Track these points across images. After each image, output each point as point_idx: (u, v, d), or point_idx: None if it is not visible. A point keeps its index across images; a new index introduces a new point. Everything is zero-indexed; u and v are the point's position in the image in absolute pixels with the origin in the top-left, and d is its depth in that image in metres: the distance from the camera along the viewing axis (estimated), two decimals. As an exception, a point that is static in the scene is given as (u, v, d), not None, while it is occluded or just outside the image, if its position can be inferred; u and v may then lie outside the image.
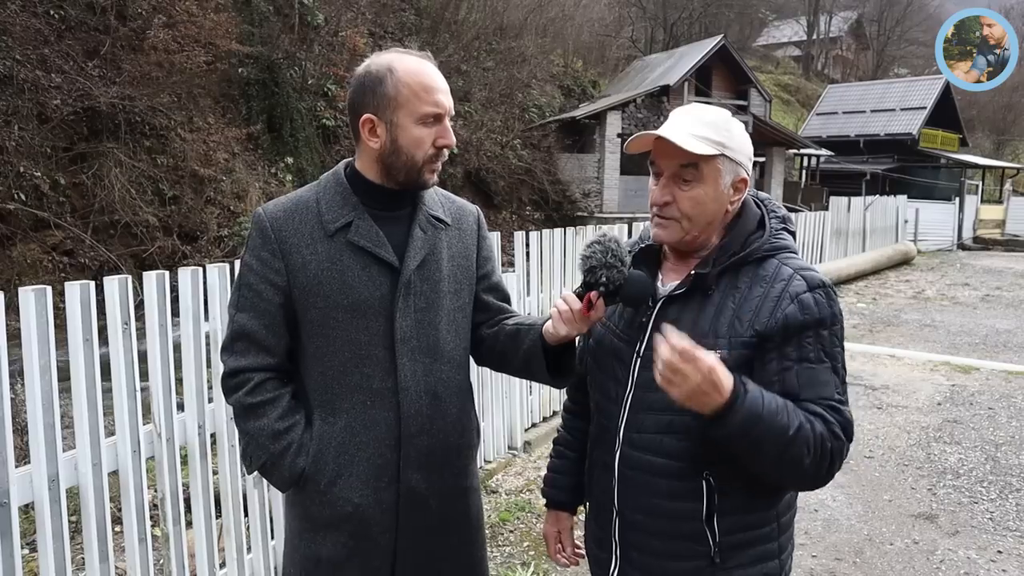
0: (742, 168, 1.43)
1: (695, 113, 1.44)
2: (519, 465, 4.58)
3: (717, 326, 1.38)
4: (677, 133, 1.38)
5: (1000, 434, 5.23)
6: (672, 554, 1.45)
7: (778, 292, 1.37)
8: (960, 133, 30.44)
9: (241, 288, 1.56)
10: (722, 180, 1.42)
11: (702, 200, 1.41)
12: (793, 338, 1.35)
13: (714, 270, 1.42)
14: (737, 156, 1.42)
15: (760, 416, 1.26)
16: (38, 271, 10.92)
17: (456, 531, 1.68)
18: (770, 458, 1.30)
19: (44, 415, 2.12)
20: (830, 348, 1.37)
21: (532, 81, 23.69)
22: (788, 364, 1.35)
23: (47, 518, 2.14)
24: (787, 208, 1.57)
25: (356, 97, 1.54)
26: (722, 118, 1.44)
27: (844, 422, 1.34)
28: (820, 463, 1.31)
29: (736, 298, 1.40)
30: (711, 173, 1.40)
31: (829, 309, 1.37)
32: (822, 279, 1.42)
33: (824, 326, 1.37)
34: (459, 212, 1.71)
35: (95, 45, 13.17)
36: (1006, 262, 17.00)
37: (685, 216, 1.43)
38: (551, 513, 1.80)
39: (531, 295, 4.79)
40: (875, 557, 3.55)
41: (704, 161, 1.39)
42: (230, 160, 14.32)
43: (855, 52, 52.11)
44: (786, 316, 1.35)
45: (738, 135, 1.44)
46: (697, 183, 1.41)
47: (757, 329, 1.36)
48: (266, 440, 1.53)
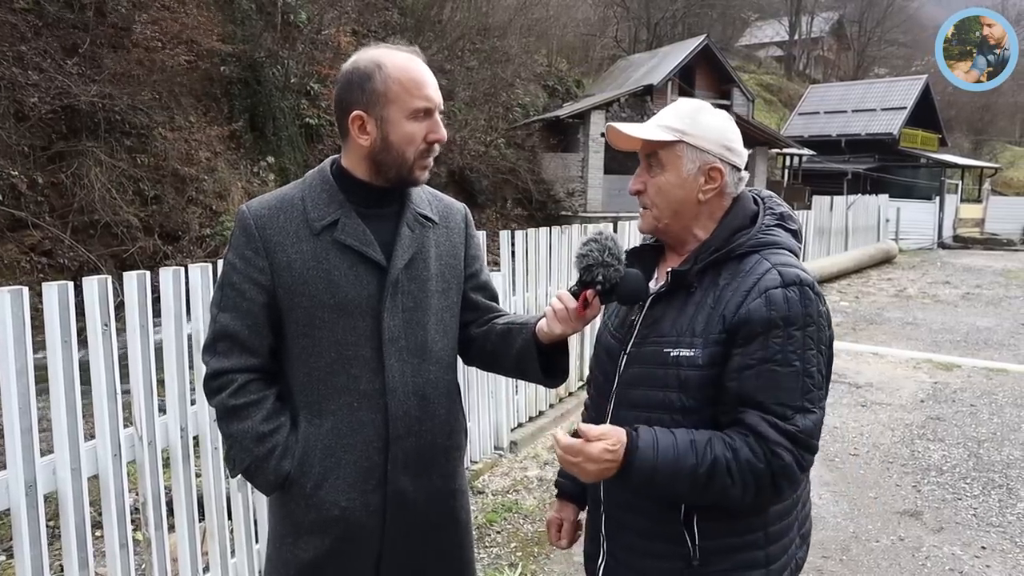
0: (709, 155, 1.41)
1: (674, 106, 1.48)
2: (505, 466, 4.56)
3: (694, 324, 1.37)
4: (640, 126, 1.43)
5: (982, 431, 5.28)
6: (653, 553, 1.44)
7: (748, 286, 1.34)
8: (940, 133, 30.78)
9: (224, 287, 1.53)
10: (683, 167, 1.42)
11: (664, 187, 1.44)
12: (759, 336, 1.30)
13: (694, 267, 1.40)
14: (699, 143, 1.41)
15: (655, 468, 1.28)
16: (16, 272, 10.75)
17: (444, 534, 1.66)
18: (691, 495, 1.32)
19: (21, 419, 2.06)
20: (801, 351, 1.30)
21: (516, 80, 23.66)
22: (750, 363, 1.30)
23: (24, 524, 2.09)
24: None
25: (344, 94, 1.51)
26: (692, 107, 1.46)
27: (792, 434, 1.28)
28: (751, 488, 1.29)
29: (714, 295, 1.38)
30: (670, 160, 1.43)
31: (801, 308, 1.31)
32: (800, 276, 1.34)
33: (795, 325, 1.30)
34: (447, 210, 1.69)
35: (74, 42, 12.98)
36: (986, 260, 17.19)
37: (654, 204, 1.46)
38: (559, 502, 1.77)
39: (516, 294, 4.77)
40: (861, 554, 3.56)
41: (661, 148, 1.43)
42: (212, 159, 14.16)
43: (836, 52, 52.53)
44: (750, 311, 1.31)
45: (705, 123, 1.43)
46: (659, 170, 1.44)
47: (724, 324, 1.33)
48: (250, 443, 1.50)
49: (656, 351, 1.40)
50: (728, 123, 1.46)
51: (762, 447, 1.28)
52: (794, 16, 48.29)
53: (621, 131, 1.44)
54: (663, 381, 1.38)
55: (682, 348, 1.37)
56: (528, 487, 4.27)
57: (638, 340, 1.45)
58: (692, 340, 1.36)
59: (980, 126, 48.04)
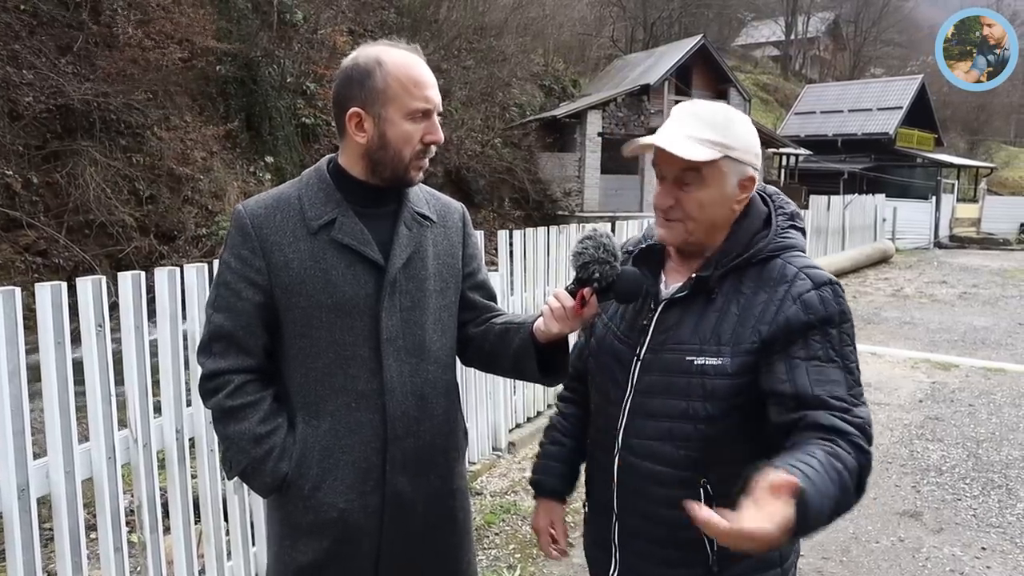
0: (748, 167, 1.37)
1: (696, 111, 1.38)
2: (503, 466, 4.54)
3: (720, 332, 1.34)
4: (675, 139, 1.33)
5: (981, 431, 5.27)
6: (670, 561, 1.42)
7: (781, 294, 1.32)
8: (935, 133, 30.89)
9: (219, 287, 1.50)
10: (727, 182, 1.36)
11: (706, 203, 1.37)
12: (799, 339, 1.29)
13: (716, 273, 1.37)
14: (741, 156, 1.36)
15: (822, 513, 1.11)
16: (10, 272, 10.69)
17: (443, 535, 1.64)
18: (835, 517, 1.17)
19: (13, 421, 2.04)
20: (839, 347, 1.30)
21: (513, 80, 23.66)
22: (796, 363, 1.28)
23: (16, 528, 2.06)
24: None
25: (343, 90, 1.48)
26: (723, 116, 1.37)
27: (861, 425, 1.25)
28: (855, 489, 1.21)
29: (740, 303, 1.34)
30: (714, 176, 1.35)
31: (837, 306, 1.31)
32: (829, 277, 1.34)
33: (832, 324, 1.30)
34: (444, 209, 1.67)
35: (68, 41, 12.93)
36: (982, 260, 17.22)
37: (689, 217, 1.38)
38: (542, 503, 1.71)
39: (514, 294, 4.75)
40: (861, 555, 3.55)
41: (706, 165, 1.33)
42: (208, 159, 14.12)
43: (832, 52, 52.70)
44: (787, 319, 1.30)
45: (742, 132, 1.37)
46: (700, 186, 1.35)
47: (761, 334, 1.31)
48: (247, 444, 1.48)
49: (677, 359, 1.37)
50: (752, 127, 1.42)
51: (849, 444, 1.22)
52: (790, 16, 48.44)
53: (668, 151, 1.32)
54: (686, 391, 1.35)
55: (707, 357, 1.33)
56: (526, 488, 4.24)
57: (654, 346, 1.41)
58: (719, 349, 1.33)
59: (976, 126, 48.22)
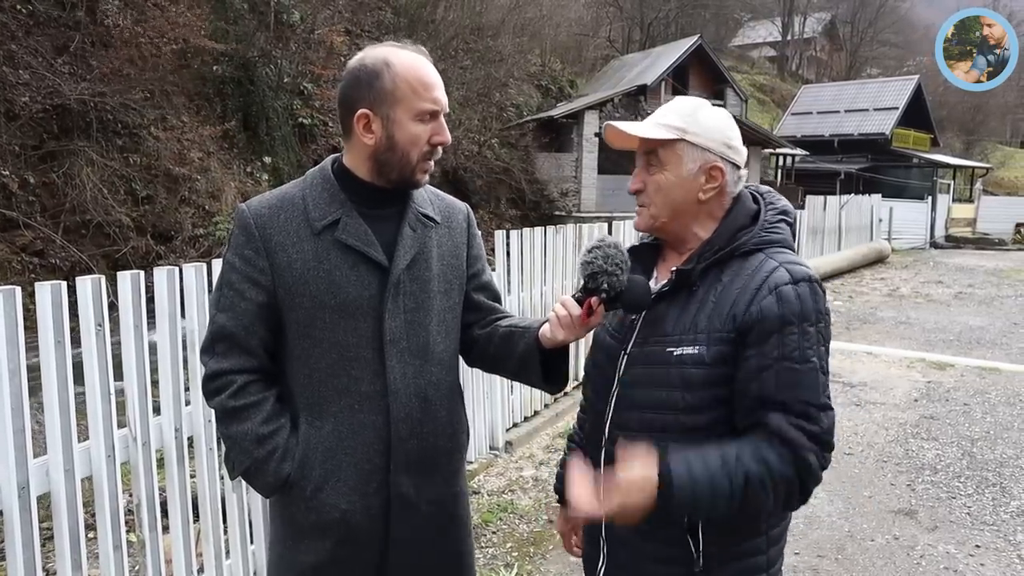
0: (710, 153, 1.40)
1: (672, 104, 1.47)
2: (501, 465, 4.55)
3: (697, 321, 1.36)
4: (640, 124, 1.42)
5: (976, 429, 5.30)
6: (656, 558, 1.42)
7: (757, 284, 1.32)
8: (931, 133, 30.98)
9: (223, 287, 1.51)
10: (684, 166, 1.41)
11: (664, 185, 1.42)
12: (773, 334, 1.29)
13: (697, 266, 1.39)
14: (701, 141, 1.40)
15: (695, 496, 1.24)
16: (7, 272, 10.67)
17: (445, 536, 1.64)
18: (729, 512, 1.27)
19: (13, 419, 2.05)
20: (815, 346, 1.30)
21: (510, 80, 23.64)
22: (767, 363, 1.29)
23: (16, 526, 2.07)
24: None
25: (350, 91, 1.48)
26: (692, 105, 1.44)
27: (816, 434, 1.28)
28: (782, 497, 1.28)
29: (717, 291, 1.36)
30: (669, 158, 1.42)
31: (813, 304, 1.31)
32: (809, 273, 1.34)
33: (808, 321, 1.30)
34: (448, 210, 1.67)
35: (64, 41, 12.88)
36: (977, 260, 17.26)
37: (652, 202, 1.45)
38: (563, 509, 1.73)
39: (512, 294, 4.77)
40: (857, 553, 3.56)
41: (661, 146, 1.41)
42: (205, 159, 14.09)
43: (829, 53, 52.77)
44: (762, 309, 1.29)
45: (705, 121, 1.42)
46: (659, 169, 1.43)
47: (735, 321, 1.32)
48: (250, 445, 1.48)
49: (658, 351, 1.39)
50: (728, 121, 1.45)
51: (790, 452, 1.26)
52: (787, 16, 48.49)
53: (620, 129, 1.42)
54: (666, 380, 1.37)
55: (685, 346, 1.35)
56: (524, 487, 4.26)
57: (639, 340, 1.44)
58: (695, 337, 1.34)
59: (971, 126, 48.32)
